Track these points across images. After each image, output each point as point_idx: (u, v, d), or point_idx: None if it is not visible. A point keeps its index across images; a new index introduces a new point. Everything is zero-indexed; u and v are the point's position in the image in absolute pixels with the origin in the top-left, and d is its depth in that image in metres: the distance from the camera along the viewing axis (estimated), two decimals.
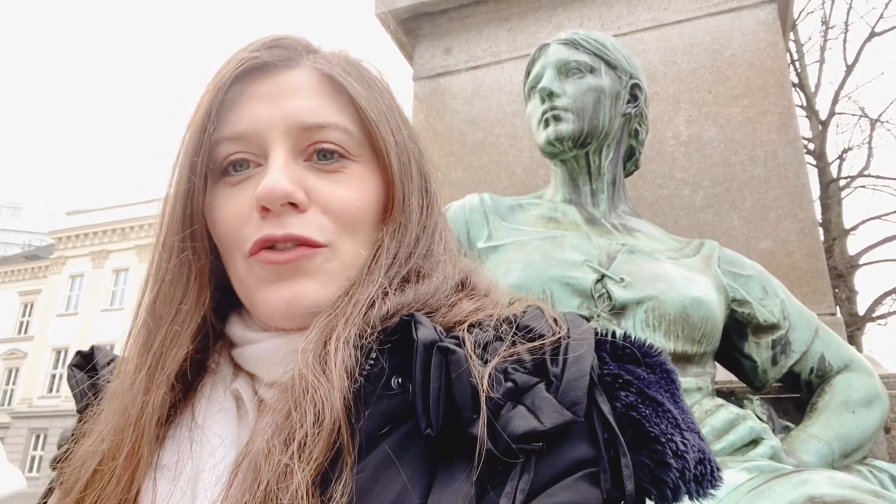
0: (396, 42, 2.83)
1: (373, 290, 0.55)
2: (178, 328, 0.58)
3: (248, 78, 0.60)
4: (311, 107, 0.59)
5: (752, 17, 2.30)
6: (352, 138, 0.59)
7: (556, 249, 1.47)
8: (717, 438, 1.27)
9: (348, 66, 0.62)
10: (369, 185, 0.60)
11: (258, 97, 0.59)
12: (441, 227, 0.65)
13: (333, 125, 0.58)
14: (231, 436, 0.55)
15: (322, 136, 0.58)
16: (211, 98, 0.58)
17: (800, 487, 0.90)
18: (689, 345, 1.41)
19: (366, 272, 0.57)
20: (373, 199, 0.60)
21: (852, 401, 1.46)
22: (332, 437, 0.47)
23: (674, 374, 0.53)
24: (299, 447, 0.46)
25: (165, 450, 0.55)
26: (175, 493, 0.52)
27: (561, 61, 1.63)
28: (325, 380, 0.49)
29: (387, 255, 0.58)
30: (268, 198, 0.54)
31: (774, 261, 1.99)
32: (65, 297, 27.98)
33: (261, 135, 0.58)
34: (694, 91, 2.30)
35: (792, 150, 2.13)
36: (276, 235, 0.55)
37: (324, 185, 0.58)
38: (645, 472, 0.47)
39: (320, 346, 0.51)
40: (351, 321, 0.52)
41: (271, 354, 0.57)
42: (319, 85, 0.60)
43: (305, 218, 0.56)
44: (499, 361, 0.49)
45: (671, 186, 2.20)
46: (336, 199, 0.58)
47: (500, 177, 2.42)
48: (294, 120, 0.58)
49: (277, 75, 0.60)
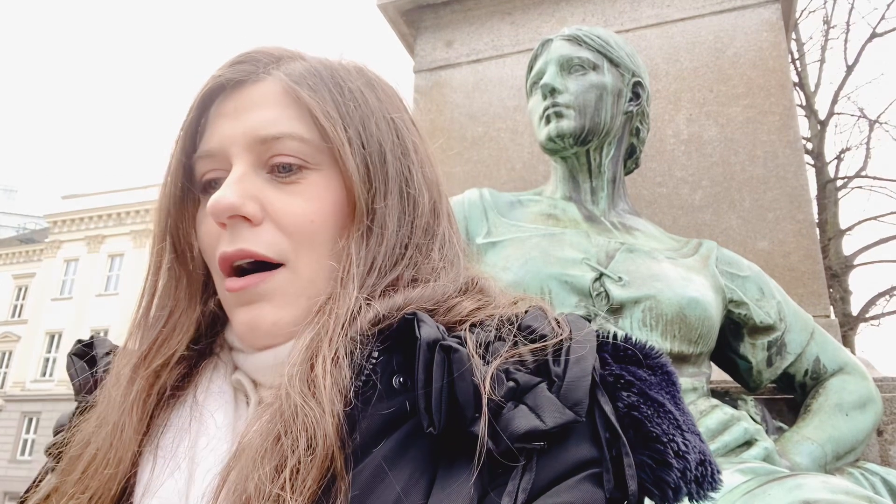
0: (398, 34, 2.81)
1: (351, 302, 0.54)
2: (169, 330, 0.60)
3: (220, 96, 0.61)
4: (269, 118, 0.58)
5: (756, 17, 2.30)
6: (309, 146, 0.58)
7: (555, 247, 1.47)
8: (711, 439, 1.28)
9: (315, 72, 0.61)
10: (328, 193, 0.58)
11: (225, 114, 0.60)
12: (444, 229, 0.63)
13: (288, 135, 0.58)
14: (228, 421, 0.56)
15: (278, 148, 0.58)
16: (186, 119, 0.61)
17: (795, 492, 0.91)
18: (686, 345, 1.41)
19: (339, 284, 0.56)
20: (330, 209, 0.58)
21: (846, 403, 1.47)
22: (326, 463, 0.46)
23: (674, 376, 0.53)
24: (291, 475, 0.45)
25: (166, 432, 0.56)
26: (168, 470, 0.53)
27: (564, 58, 1.62)
28: (315, 403, 0.48)
29: (359, 264, 0.56)
30: (213, 211, 0.56)
31: (771, 261, 1.99)
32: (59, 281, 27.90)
33: (225, 151, 0.59)
34: (695, 89, 2.29)
35: (792, 152, 2.13)
36: (227, 252, 0.56)
37: (279, 199, 0.57)
38: (647, 472, 0.47)
39: (307, 368, 0.50)
40: (335, 339, 0.51)
41: (265, 364, 0.58)
42: (281, 96, 0.60)
43: (258, 232, 0.56)
44: (501, 361, 0.49)
45: (670, 185, 2.20)
46: (289, 213, 0.57)
47: (499, 172, 2.41)
48: (252, 133, 0.58)
49: (242, 91, 0.60)
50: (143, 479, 0.53)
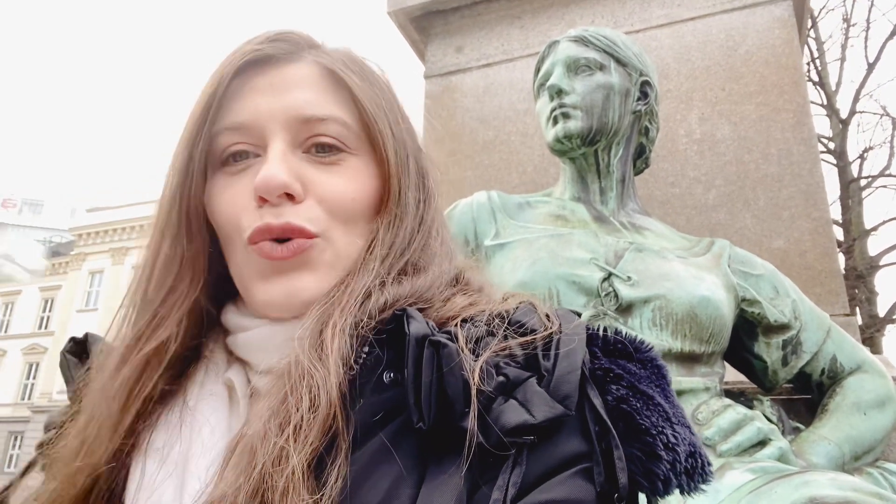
0: (408, 40, 2.82)
1: (368, 279, 0.55)
2: (165, 312, 0.59)
3: (251, 70, 0.60)
4: (311, 100, 0.59)
5: (768, 14, 2.27)
6: (350, 131, 0.60)
7: (563, 247, 1.46)
8: (723, 439, 1.26)
9: (350, 61, 0.63)
10: (365, 177, 0.61)
11: (260, 89, 0.60)
12: (438, 223, 0.65)
13: (332, 118, 0.59)
14: (222, 422, 0.56)
15: (320, 129, 0.59)
16: (213, 89, 0.59)
17: (801, 489, 0.89)
18: (697, 344, 1.39)
19: (361, 262, 0.57)
20: (368, 191, 0.61)
21: (864, 402, 1.44)
22: (328, 422, 0.47)
23: (664, 370, 0.53)
24: (295, 430, 0.46)
25: (158, 433, 0.56)
26: (162, 474, 0.53)
27: (570, 58, 1.62)
28: (321, 366, 0.49)
29: (382, 246, 0.58)
30: (265, 188, 0.55)
31: (787, 260, 1.96)
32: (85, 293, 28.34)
33: (261, 126, 0.58)
34: (707, 88, 2.27)
35: (806, 149, 2.10)
36: (273, 225, 0.56)
37: (320, 177, 0.59)
38: (636, 464, 0.47)
39: (316, 333, 0.52)
40: (347, 310, 0.53)
41: (265, 341, 0.58)
42: (320, 78, 0.61)
43: (300, 209, 0.57)
44: (490, 356, 0.49)
45: (683, 185, 2.18)
46: (331, 191, 0.58)
47: (510, 175, 2.41)
48: (293, 112, 0.58)
49: (280, 68, 0.61)
50: (134, 482, 0.53)
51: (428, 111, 2.64)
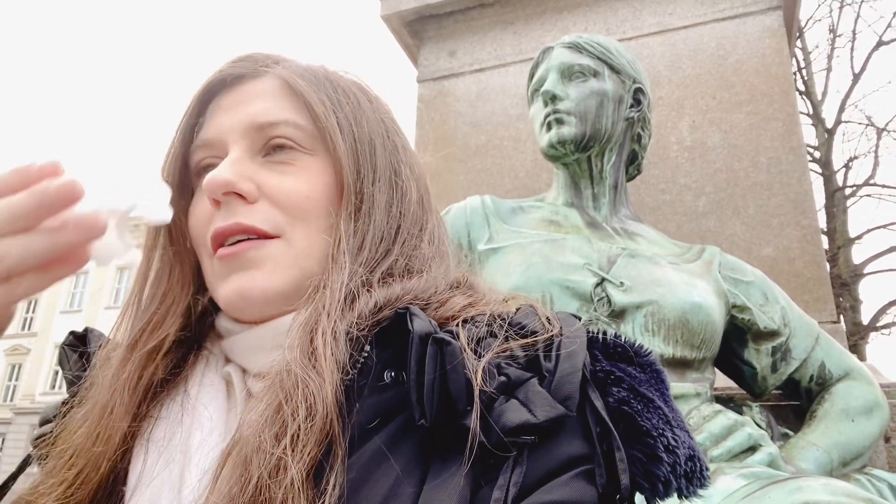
0: (402, 44, 2.83)
1: (345, 277, 0.55)
2: (161, 316, 0.61)
3: (220, 92, 0.65)
4: (266, 108, 0.62)
5: (758, 24, 2.30)
6: (303, 132, 0.62)
7: (557, 252, 1.46)
8: (714, 444, 1.27)
9: (311, 72, 0.66)
10: (321, 175, 0.62)
11: (224, 107, 0.63)
12: (432, 226, 0.66)
13: (284, 121, 0.61)
14: (220, 414, 0.56)
15: (273, 132, 0.61)
16: (186, 111, 0.64)
17: (795, 494, 0.90)
18: (689, 350, 1.40)
19: (331, 259, 0.58)
20: (323, 188, 0.61)
21: (852, 409, 1.46)
22: (325, 430, 0.47)
23: (663, 375, 0.53)
24: (292, 441, 0.46)
25: (159, 423, 0.57)
26: (161, 465, 0.53)
27: (564, 64, 1.63)
28: (315, 374, 0.49)
29: (348, 240, 0.58)
30: (209, 186, 0.58)
31: (776, 268, 1.98)
32: (69, 294, 28.07)
33: (223, 139, 0.62)
34: (698, 96, 2.29)
35: (795, 157, 2.12)
36: (221, 226, 0.58)
37: (273, 178, 0.60)
38: (637, 466, 0.47)
39: (307, 340, 0.52)
40: (334, 313, 0.53)
41: (254, 343, 0.59)
42: (279, 89, 0.64)
43: (254, 209, 0.59)
44: (492, 356, 0.49)
45: (674, 192, 2.20)
46: (284, 190, 0.60)
47: (502, 180, 2.42)
48: (249, 121, 0.61)
49: (241, 86, 0.64)
50: (135, 471, 0.54)
51: (420, 115, 2.65)
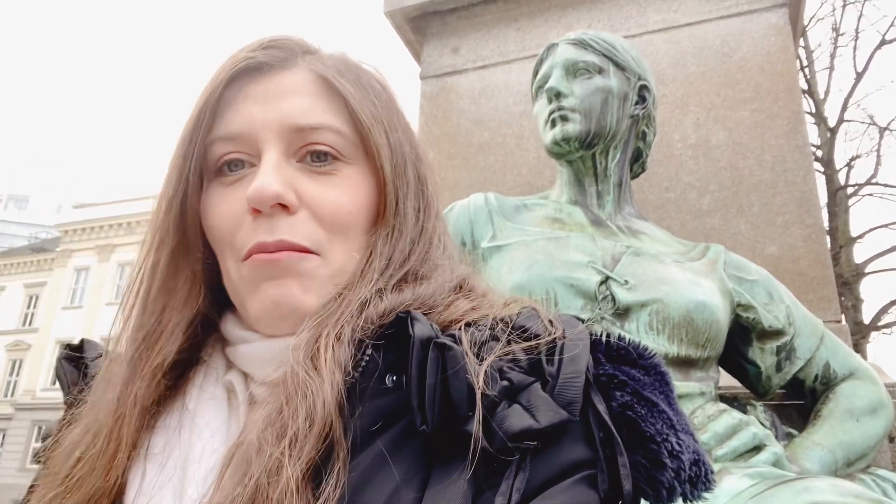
0: (404, 40, 2.82)
1: (365, 290, 0.54)
2: (167, 324, 0.58)
3: (245, 78, 0.60)
4: (305, 108, 0.58)
5: (763, 21, 2.29)
6: (345, 140, 0.59)
7: (561, 250, 1.46)
8: (719, 444, 1.26)
9: (344, 67, 0.62)
10: (361, 187, 0.59)
11: (253, 97, 0.59)
12: (440, 231, 0.64)
13: (326, 127, 0.58)
14: (221, 425, 0.55)
15: (315, 138, 0.58)
16: (206, 98, 0.58)
17: (802, 495, 0.89)
18: (693, 349, 1.40)
19: (359, 276, 0.56)
20: (364, 202, 0.59)
21: (856, 409, 1.45)
22: (324, 432, 0.47)
23: (668, 377, 0.52)
24: (291, 442, 0.46)
25: (156, 438, 0.55)
26: (162, 478, 0.52)
27: (569, 61, 1.62)
28: (317, 375, 0.48)
29: (380, 259, 0.57)
30: (258, 199, 0.54)
31: (781, 266, 1.97)
32: (70, 290, 28.09)
33: (254, 135, 0.57)
34: (703, 94, 2.28)
35: (800, 156, 2.12)
36: (267, 243, 0.55)
37: (315, 188, 0.57)
38: (640, 471, 0.47)
39: (311, 343, 0.51)
40: (342, 320, 0.52)
41: (265, 354, 0.57)
42: (314, 86, 0.60)
43: (295, 221, 0.56)
44: (494, 360, 0.49)
45: (678, 190, 2.19)
46: (327, 202, 0.57)
47: (506, 177, 2.41)
48: (287, 121, 0.57)
49: (273, 76, 0.60)
50: (133, 487, 0.53)
51: (423, 112, 2.64)
